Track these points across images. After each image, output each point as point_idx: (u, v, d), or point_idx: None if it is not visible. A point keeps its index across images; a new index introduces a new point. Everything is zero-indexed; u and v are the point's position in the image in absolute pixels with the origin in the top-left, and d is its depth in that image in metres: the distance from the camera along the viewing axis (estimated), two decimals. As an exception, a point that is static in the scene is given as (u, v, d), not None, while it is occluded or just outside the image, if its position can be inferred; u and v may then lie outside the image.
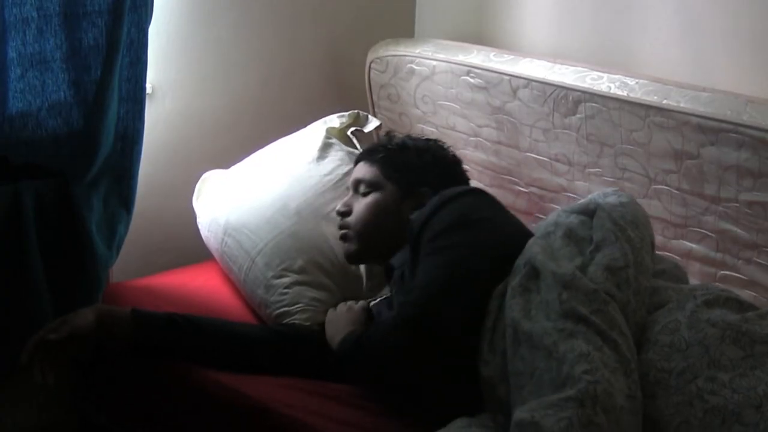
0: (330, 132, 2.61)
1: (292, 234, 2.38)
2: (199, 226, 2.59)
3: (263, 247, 2.38)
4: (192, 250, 2.64)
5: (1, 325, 2.19)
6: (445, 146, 2.37)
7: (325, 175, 2.50)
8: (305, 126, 2.67)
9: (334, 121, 2.65)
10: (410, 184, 2.25)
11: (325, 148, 2.56)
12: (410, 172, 2.26)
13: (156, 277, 2.56)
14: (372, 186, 2.26)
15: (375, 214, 2.23)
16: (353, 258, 2.28)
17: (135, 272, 2.57)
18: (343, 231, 2.27)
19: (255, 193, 2.49)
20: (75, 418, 2.46)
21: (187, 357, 2.11)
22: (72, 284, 2.25)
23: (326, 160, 2.53)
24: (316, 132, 2.62)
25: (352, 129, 2.65)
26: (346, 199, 2.31)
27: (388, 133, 2.42)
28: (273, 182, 2.50)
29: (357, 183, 2.29)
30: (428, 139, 2.38)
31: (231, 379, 2.06)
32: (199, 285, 2.51)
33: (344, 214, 2.27)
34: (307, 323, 2.25)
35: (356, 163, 2.36)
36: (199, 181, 2.63)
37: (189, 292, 2.46)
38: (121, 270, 2.50)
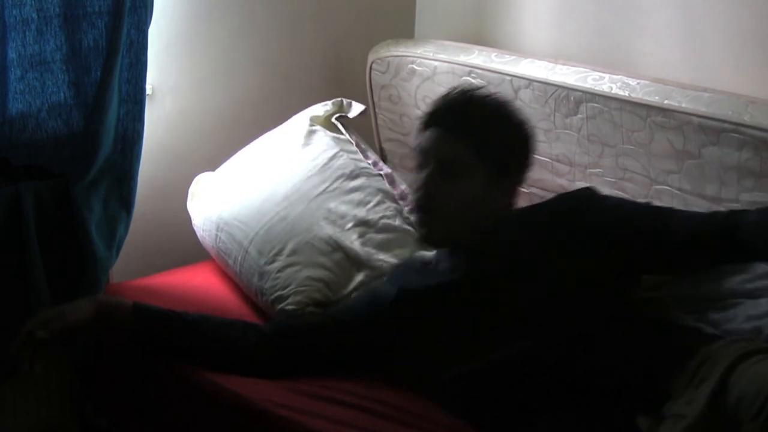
0: (314, 120, 2.61)
1: (281, 219, 2.38)
2: (195, 228, 2.59)
3: (254, 236, 2.38)
4: (192, 251, 2.64)
5: (2, 326, 2.19)
6: (521, 113, 2.08)
7: (312, 159, 2.49)
8: (306, 126, 2.68)
9: (318, 110, 2.64)
10: (504, 170, 2.00)
11: (310, 135, 2.56)
12: (507, 155, 2.01)
13: (155, 277, 2.56)
14: (463, 170, 1.96)
15: (470, 206, 1.97)
16: (435, 243, 2.05)
17: (134, 273, 2.57)
18: (423, 214, 2.00)
19: (244, 187, 2.50)
20: (75, 421, 2.46)
21: (180, 356, 2.07)
22: (72, 285, 2.25)
23: (311, 146, 2.53)
24: (300, 122, 2.62)
25: (337, 115, 2.64)
26: (425, 175, 1.98)
27: (465, 93, 2.05)
28: (260, 173, 2.51)
29: (443, 162, 1.97)
30: (507, 105, 2.07)
31: (232, 382, 2.05)
32: (197, 284, 2.51)
33: (430, 197, 1.98)
34: (301, 305, 2.22)
35: (429, 126, 2.02)
36: (192, 184, 2.63)
37: (187, 291, 2.46)
38: (121, 271, 2.50)
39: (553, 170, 2.53)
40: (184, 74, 2.69)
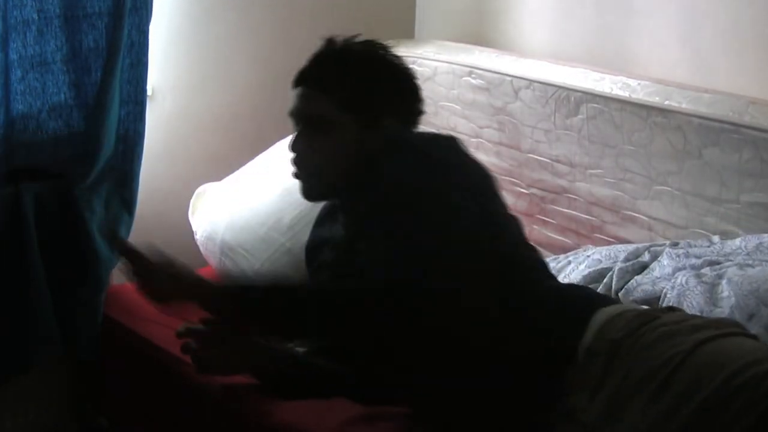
0: None
1: (287, 251, 2.32)
2: (198, 244, 2.55)
3: (260, 268, 2.33)
4: (193, 252, 2.62)
5: (3, 328, 2.19)
6: (398, 57, 1.97)
7: None
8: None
9: None
10: (372, 116, 1.87)
11: None
12: (371, 101, 1.89)
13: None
14: (329, 124, 1.86)
15: (340, 158, 1.87)
16: (308, 197, 1.97)
17: (135, 274, 2.56)
18: (298, 172, 1.92)
19: (248, 209, 2.43)
20: (75, 421, 2.46)
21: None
22: (75, 286, 2.25)
23: None
24: None
25: None
26: (295, 135, 1.91)
27: (330, 41, 1.94)
28: (265, 196, 2.44)
29: (308, 119, 1.89)
30: (380, 50, 1.95)
31: (233, 382, 2.05)
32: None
33: (301, 156, 1.90)
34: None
35: (295, 85, 1.94)
36: (194, 197, 2.59)
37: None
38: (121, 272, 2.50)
39: (554, 171, 2.53)
40: (183, 75, 2.69)
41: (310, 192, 1.94)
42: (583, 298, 1.79)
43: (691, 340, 1.58)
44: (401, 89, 1.95)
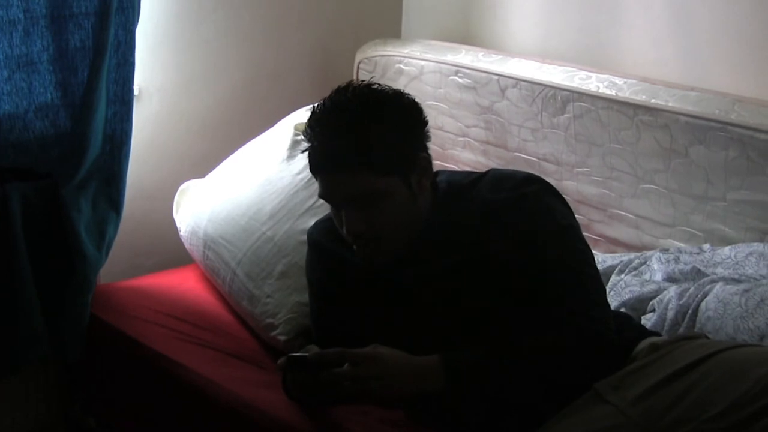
0: (297, 128, 2.52)
1: (268, 239, 2.31)
2: (182, 239, 2.54)
3: (242, 257, 2.32)
4: (180, 252, 2.62)
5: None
6: (405, 94, 1.86)
7: (297, 174, 2.40)
8: (293, 127, 2.67)
9: (302, 115, 2.59)
10: (411, 164, 1.81)
11: (294, 146, 2.46)
12: (405, 154, 1.80)
13: (145, 278, 2.55)
14: (379, 194, 1.77)
15: (404, 217, 1.81)
16: (386, 260, 1.86)
17: (122, 274, 2.56)
18: (361, 248, 1.83)
19: (230, 201, 2.42)
20: (63, 421, 2.46)
21: None
22: (61, 286, 2.25)
23: (296, 159, 2.43)
24: (284, 130, 2.54)
25: None
26: (345, 215, 1.80)
27: (331, 121, 1.82)
28: (246, 188, 2.43)
29: (354, 199, 1.78)
30: (378, 94, 1.84)
31: (222, 379, 2.05)
32: (188, 288, 2.49)
33: (362, 232, 1.80)
34: (292, 334, 2.16)
35: (318, 173, 1.82)
36: (177, 194, 2.58)
37: (177, 294, 2.45)
38: (108, 272, 2.49)
39: (540, 169, 2.53)
40: (170, 75, 2.68)
41: (388, 256, 1.84)
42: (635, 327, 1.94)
43: (723, 344, 1.72)
44: (418, 125, 1.85)
